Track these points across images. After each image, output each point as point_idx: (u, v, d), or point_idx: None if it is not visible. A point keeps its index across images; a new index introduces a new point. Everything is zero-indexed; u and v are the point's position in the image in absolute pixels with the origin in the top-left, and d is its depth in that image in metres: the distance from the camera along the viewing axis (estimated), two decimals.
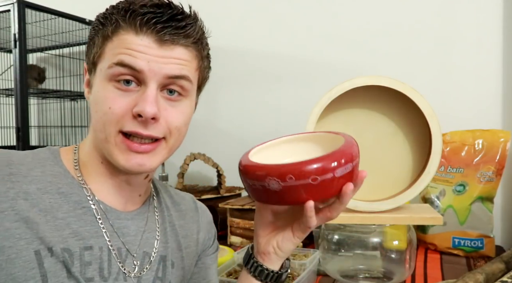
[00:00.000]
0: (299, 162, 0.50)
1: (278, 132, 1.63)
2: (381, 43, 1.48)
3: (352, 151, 0.53)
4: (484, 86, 1.36)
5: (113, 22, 0.57)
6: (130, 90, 0.57)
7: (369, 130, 0.90)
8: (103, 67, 0.58)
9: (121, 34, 0.57)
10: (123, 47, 0.56)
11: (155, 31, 0.56)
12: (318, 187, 0.50)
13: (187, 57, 0.59)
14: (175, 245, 0.70)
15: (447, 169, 1.23)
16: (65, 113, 2.02)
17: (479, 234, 1.17)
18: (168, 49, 0.57)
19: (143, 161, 0.58)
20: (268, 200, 0.54)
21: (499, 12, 1.33)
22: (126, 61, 0.55)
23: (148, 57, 0.56)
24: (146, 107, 0.55)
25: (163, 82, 0.57)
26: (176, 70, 0.57)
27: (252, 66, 1.69)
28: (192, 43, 0.59)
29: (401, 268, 0.96)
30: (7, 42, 1.73)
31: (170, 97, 0.59)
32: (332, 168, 0.50)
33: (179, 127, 0.60)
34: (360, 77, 0.84)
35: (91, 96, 0.61)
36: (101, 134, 0.58)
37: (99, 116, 0.57)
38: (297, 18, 1.60)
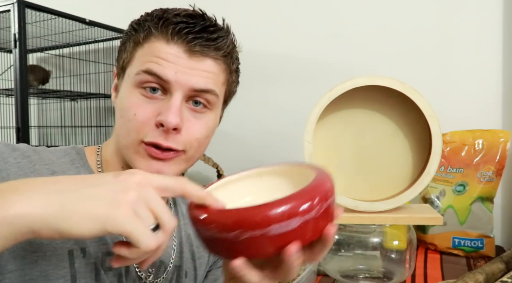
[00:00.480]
0: (225, 210, 0.41)
1: (278, 132, 1.64)
2: (381, 43, 1.48)
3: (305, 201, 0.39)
4: (484, 86, 1.36)
5: (145, 29, 0.58)
6: (156, 98, 0.57)
7: (369, 130, 0.90)
8: (131, 73, 0.58)
9: (152, 41, 0.57)
10: (152, 55, 0.56)
11: (186, 41, 0.56)
12: (245, 244, 0.39)
13: (215, 70, 0.59)
14: (189, 255, 0.69)
15: (447, 169, 1.23)
16: (65, 113, 2.02)
17: (479, 234, 1.17)
18: (197, 61, 0.57)
19: (163, 168, 0.57)
20: (204, 246, 0.45)
21: (499, 12, 1.33)
22: (153, 70, 0.55)
23: (176, 67, 0.55)
24: (169, 117, 0.54)
25: (188, 94, 0.57)
26: (202, 84, 0.57)
27: (252, 66, 1.68)
28: (222, 56, 0.59)
29: (401, 268, 0.96)
30: (7, 42, 1.72)
31: (195, 108, 0.59)
32: (261, 224, 0.38)
33: (200, 140, 0.60)
34: (361, 77, 0.84)
35: (117, 101, 0.61)
36: (124, 140, 0.58)
37: (124, 122, 0.57)
38: (297, 18, 1.60)
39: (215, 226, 0.40)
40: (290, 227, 0.39)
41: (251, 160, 1.67)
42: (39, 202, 0.35)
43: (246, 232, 0.38)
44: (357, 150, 0.90)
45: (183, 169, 0.61)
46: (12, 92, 1.61)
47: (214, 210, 0.42)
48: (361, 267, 0.99)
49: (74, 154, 0.62)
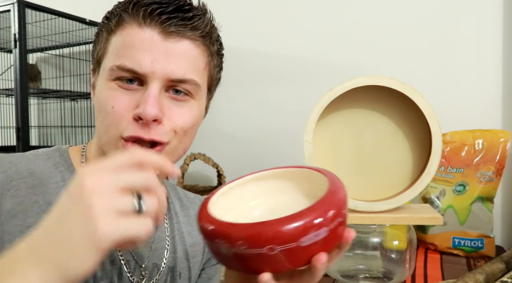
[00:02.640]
0: (254, 224, 0.38)
1: (278, 132, 1.64)
2: (381, 43, 1.48)
3: (330, 208, 0.39)
4: (484, 86, 1.36)
5: (117, 15, 0.55)
6: (133, 88, 0.54)
7: (369, 130, 0.90)
8: (106, 66, 0.55)
9: (124, 27, 0.54)
10: (125, 45, 0.53)
11: (160, 22, 0.52)
12: (276, 258, 0.38)
13: (193, 53, 0.55)
14: (182, 254, 0.67)
15: (447, 169, 1.23)
16: (65, 113, 2.02)
17: (479, 234, 1.17)
18: (174, 42, 0.53)
19: None
20: (221, 261, 0.44)
21: (499, 12, 1.33)
22: (128, 66, 0.52)
23: (152, 55, 0.52)
24: (147, 109, 0.51)
25: (166, 84, 0.54)
26: (180, 73, 0.54)
27: (251, 66, 1.69)
28: (200, 36, 0.55)
29: (401, 268, 0.96)
30: (7, 42, 1.72)
31: (176, 96, 0.55)
32: (296, 235, 0.37)
33: (184, 129, 0.56)
34: (361, 77, 0.84)
35: (95, 97, 0.58)
36: (104, 136, 0.55)
37: (102, 117, 0.54)
38: (298, 17, 1.60)
39: (244, 242, 0.38)
40: (318, 237, 0.38)
41: (251, 160, 1.67)
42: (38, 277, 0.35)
43: (279, 246, 0.37)
44: (357, 150, 0.90)
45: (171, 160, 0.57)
46: (12, 92, 1.61)
47: (238, 225, 0.40)
48: (361, 267, 0.99)
49: (58, 156, 0.60)
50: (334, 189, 0.41)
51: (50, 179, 0.56)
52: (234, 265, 0.42)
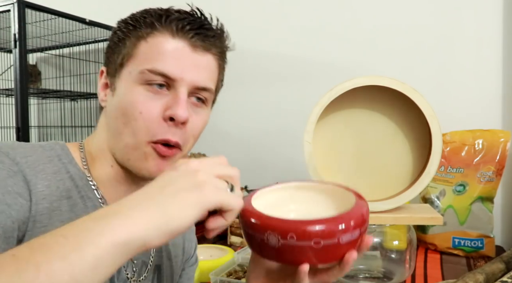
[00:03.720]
0: (304, 221, 0.45)
1: (278, 132, 1.64)
2: (381, 43, 1.48)
3: (362, 215, 0.48)
4: (484, 86, 1.36)
5: (149, 24, 0.58)
6: (161, 93, 0.57)
7: (369, 130, 0.90)
8: (133, 70, 0.57)
9: (156, 36, 0.57)
10: (157, 51, 0.57)
11: (189, 37, 0.57)
12: (319, 251, 0.45)
13: (214, 66, 0.61)
14: (165, 253, 0.70)
15: (447, 169, 1.23)
16: (65, 113, 2.02)
17: (479, 234, 1.17)
18: (200, 55, 0.59)
19: (164, 166, 0.58)
20: (264, 254, 0.50)
21: (499, 11, 1.33)
22: (160, 69, 0.56)
23: (182, 64, 0.57)
24: (179, 111, 0.56)
25: (191, 90, 0.58)
26: (205, 82, 0.59)
27: (252, 66, 1.69)
28: (219, 52, 0.62)
29: (401, 268, 0.96)
30: (7, 42, 1.72)
31: (197, 103, 0.60)
32: (337, 232, 0.45)
33: (196, 136, 0.61)
34: (361, 77, 0.84)
35: (115, 100, 0.59)
36: (130, 140, 0.57)
37: (127, 121, 0.57)
38: (297, 17, 1.60)
39: (294, 235, 0.45)
40: (353, 237, 0.47)
41: (251, 160, 1.67)
42: (142, 218, 0.39)
43: (323, 240, 0.45)
44: (357, 150, 0.90)
45: None
46: (12, 92, 1.61)
47: (289, 220, 0.46)
48: (361, 267, 0.99)
49: (59, 149, 0.61)
50: (361, 203, 0.50)
51: (54, 169, 0.58)
52: (278, 257, 0.48)
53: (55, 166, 0.57)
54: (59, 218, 0.54)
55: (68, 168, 0.59)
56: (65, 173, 0.58)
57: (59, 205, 0.55)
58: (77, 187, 0.58)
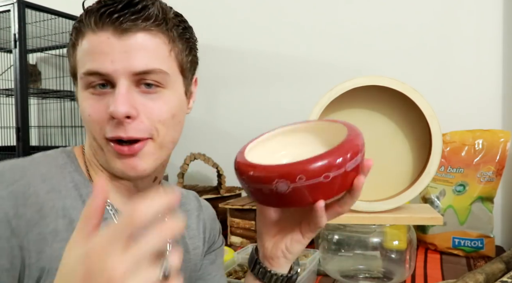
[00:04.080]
0: (309, 159, 0.45)
1: None
2: (381, 42, 1.48)
3: (360, 140, 0.49)
4: (484, 86, 1.36)
5: (76, 29, 0.56)
6: (105, 93, 0.55)
7: (369, 130, 0.90)
8: (78, 78, 0.57)
9: (84, 37, 0.55)
10: (86, 53, 0.55)
11: (111, 23, 0.53)
12: (330, 184, 0.46)
13: (152, 43, 0.55)
14: (183, 246, 0.69)
15: (447, 169, 1.23)
16: (65, 113, 2.02)
17: (479, 234, 1.17)
18: (130, 38, 0.53)
19: (135, 163, 0.55)
20: (274, 203, 0.50)
21: (499, 11, 1.33)
22: (91, 69, 0.54)
23: (112, 55, 0.53)
24: (117, 107, 0.52)
25: (133, 78, 0.54)
26: (142, 65, 0.53)
27: (252, 66, 1.69)
28: (156, 25, 0.55)
29: (401, 268, 0.96)
30: (7, 42, 1.72)
31: (147, 90, 0.55)
32: (343, 162, 0.46)
33: (164, 121, 0.56)
34: (361, 77, 0.84)
35: (79, 109, 0.60)
36: (94, 143, 0.58)
37: (86, 126, 0.58)
38: (297, 17, 1.60)
39: (303, 175, 0.45)
40: (357, 163, 0.47)
41: None
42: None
43: (332, 172, 0.45)
44: None
45: (159, 157, 0.58)
46: (12, 92, 1.61)
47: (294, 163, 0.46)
48: (361, 267, 0.99)
49: (65, 157, 0.61)
50: (353, 129, 0.51)
51: (61, 182, 0.57)
52: (291, 202, 0.48)
53: (51, 181, 0.55)
54: (55, 239, 0.52)
55: (73, 176, 0.58)
56: (70, 182, 0.57)
57: (56, 226, 0.53)
58: (81, 196, 0.57)
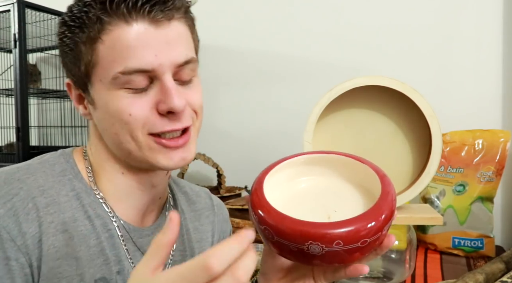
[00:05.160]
0: (347, 222, 0.42)
1: (278, 132, 1.64)
2: (381, 42, 1.47)
3: (394, 195, 0.46)
4: (485, 86, 1.36)
5: (95, 21, 0.50)
6: (145, 89, 0.52)
7: (369, 130, 0.90)
8: (103, 77, 0.51)
9: (110, 30, 0.49)
10: (120, 48, 0.49)
11: (147, 13, 0.49)
12: (365, 248, 0.43)
13: (184, 31, 0.54)
14: (189, 252, 0.67)
15: (447, 169, 1.23)
16: (65, 113, 2.01)
17: (479, 234, 1.17)
18: (166, 28, 0.51)
19: (185, 154, 0.55)
20: (300, 260, 0.46)
21: (499, 11, 1.33)
22: (133, 67, 0.49)
23: (154, 48, 0.50)
24: (175, 102, 0.51)
25: (174, 70, 0.53)
26: (183, 56, 0.53)
27: (252, 66, 1.69)
28: (183, 13, 0.54)
29: (401, 268, 0.96)
30: (7, 42, 1.72)
31: (184, 80, 0.54)
32: (382, 226, 0.43)
33: (201, 106, 0.57)
34: (360, 77, 0.84)
35: (99, 113, 0.54)
36: (129, 145, 0.53)
37: (120, 127, 0.52)
38: (297, 17, 1.60)
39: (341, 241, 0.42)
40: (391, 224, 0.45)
41: (251, 160, 1.67)
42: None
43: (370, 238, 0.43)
44: (357, 150, 0.90)
45: (196, 141, 0.59)
46: (12, 92, 1.61)
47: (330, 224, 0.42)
48: None
49: (64, 162, 0.57)
50: (388, 183, 0.48)
51: (61, 192, 0.54)
52: (319, 262, 0.44)
53: (50, 192, 0.53)
54: (55, 256, 0.50)
55: (74, 184, 0.56)
56: (71, 190, 0.55)
57: (54, 241, 0.51)
58: (83, 206, 0.55)
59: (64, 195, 0.54)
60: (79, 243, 0.53)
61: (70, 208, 0.54)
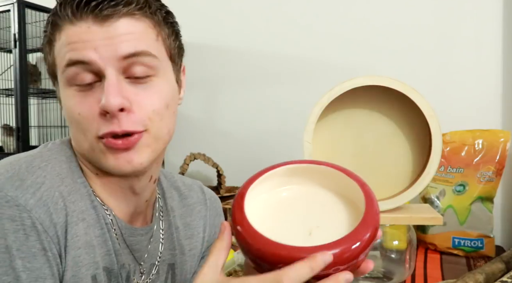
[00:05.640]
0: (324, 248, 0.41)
1: (278, 132, 1.64)
2: (381, 43, 1.48)
3: (378, 214, 0.45)
4: (484, 86, 1.36)
5: (50, 23, 0.52)
6: (93, 87, 0.51)
7: (369, 130, 0.90)
8: (59, 75, 0.53)
9: (61, 31, 0.51)
10: (66, 45, 0.50)
11: (90, 11, 0.49)
12: (350, 267, 0.42)
13: (137, 28, 0.51)
14: (179, 250, 0.67)
15: (447, 169, 1.23)
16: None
17: (479, 234, 1.17)
18: (112, 26, 0.49)
19: (130, 157, 0.51)
20: None
21: (499, 11, 1.33)
22: (73, 58, 0.49)
23: (94, 43, 0.49)
24: (109, 99, 0.48)
25: (121, 65, 0.50)
26: (129, 47, 0.50)
27: (252, 66, 1.69)
28: (138, 9, 0.51)
29: (401, 268, 0.96)
30: (7, 42, 1.73)
31: (138, 79, 0.51)
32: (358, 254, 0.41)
33: (158, 111, 0.52)
34: (360, 77, 0.84)
35: (63, 110, 0.55)
36: (85, 144, 0.53)
37: (75, 126, 0.52)
38: (297, 17, 1.60)
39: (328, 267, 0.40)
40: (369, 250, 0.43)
41: (251, 160, 1.67)
42: None
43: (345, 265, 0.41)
44: (357, 150, 0.90)
45: (155, 150, 0.54)
46: (12, 92, 1.61)
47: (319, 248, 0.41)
48: None
49: (67, 149, 0.57)
50: (372, 199, 0.47)
51: (74, 179, 0.54)
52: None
53: (67, 181, 0.53)
54: (77, 245, 0.51)
55: (80, 172, 0.56)
56: (79, 177, 0.55)
57: (77, 230, 0.52)
58: (89, 195, 0.55)
59: (78, 183, 0.54)
60: (93, 231, 0.54)
61: (82, 196, 0.54)
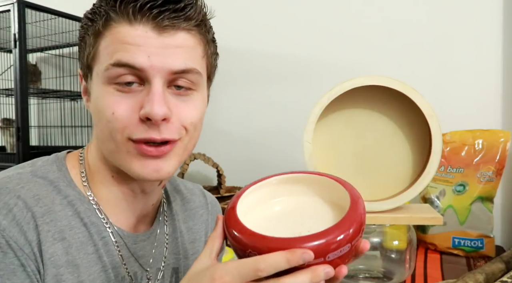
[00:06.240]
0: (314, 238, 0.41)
1: (278, 132, 1.64)
2: (381, 43, 1.48)
3: (362, 214, 0.44)
4: (484, 86, 1.36)
5: (103, 15, 0.51)
6: (133, 90, 0.51)
7: (369, 130, 0.90)
8: (99, 70, 0.52)
9: (113, 27, 0.50)
10: (117, 43, 0.50)
11: (152, 17, 0.49)
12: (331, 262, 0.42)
13: (190, 43, 0.52)
14: (182, 254, 0.67)
15: (447, 169, 1.23)
16: (65, 113, 2.02)
17: (479, 234, 1.17)
18: (169, 36, 0.50)
19: (159, 166, 0.52)
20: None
21: (499, 11, 1.33)
22: (123, 60, 0.49)
23: (148, 50, 0.49)
24: (154, 108, 0.48)
25: (168, 78, 0.51)
26: (181, 64, 0.51)
27: (251, 66, 1.69)
28: (195, 26, 0.53)
29: (401, 268, 0.96)
30: (7, 42, 1.72)
31: (179, 92, 0.53)
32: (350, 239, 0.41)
33: (194, 124, 0.54)
34: (360, 77, 0.84)
35: (91, 105, 0.55)
36: (110, 144, 0.52)
37: (104, 124, 0.52)
38: (297, 17, 1.60)
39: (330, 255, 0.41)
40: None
41: (251, 160, 1.67)
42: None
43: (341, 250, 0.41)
44: (357, 150, 0.90)
45: (181, 160, 0.55)
46: (12, 92, 1.61)
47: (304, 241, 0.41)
48: (361, 267, 0.99)
49: (56, 170, 0.57)
50: (356, 205, 0.45)
51: (55, 201, 0.54)
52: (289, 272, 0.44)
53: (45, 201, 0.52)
54: (56, 264, 0.51)
55: (68, 192, 0.55)
56: (64, 198, 0.54)
57: (54, 251, 0.51)
58: (78, 214, 0.54)
59: (58, 204, 0.54)
60: (78, 251, 0.53)
61: (65, 216, 0.53)
